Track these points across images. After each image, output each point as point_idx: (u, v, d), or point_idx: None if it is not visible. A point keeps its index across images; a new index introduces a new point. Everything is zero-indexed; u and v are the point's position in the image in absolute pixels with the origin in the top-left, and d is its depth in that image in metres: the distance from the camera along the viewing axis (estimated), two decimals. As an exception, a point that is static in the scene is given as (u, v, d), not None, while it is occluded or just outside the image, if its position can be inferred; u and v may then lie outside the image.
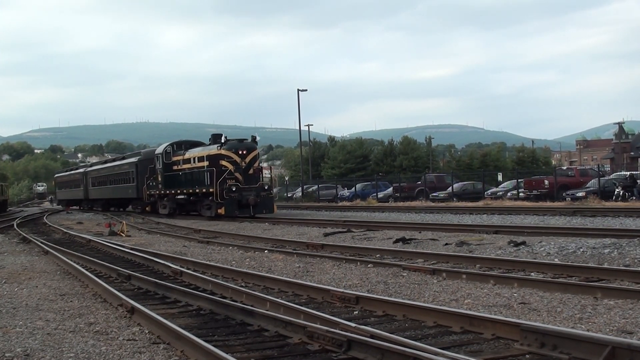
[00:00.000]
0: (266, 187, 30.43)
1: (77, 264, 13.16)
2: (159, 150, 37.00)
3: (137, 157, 40.90)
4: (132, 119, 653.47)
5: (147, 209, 39.26)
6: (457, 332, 6.51)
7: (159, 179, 36.15)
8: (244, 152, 30.04)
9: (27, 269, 13.28)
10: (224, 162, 29.60)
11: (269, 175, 39.66)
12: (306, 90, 49.20)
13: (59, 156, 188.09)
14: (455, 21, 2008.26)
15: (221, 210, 28.87)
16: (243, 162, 29.75)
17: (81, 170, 56.39)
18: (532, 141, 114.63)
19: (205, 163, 31.06)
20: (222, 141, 30.40)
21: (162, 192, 35.75)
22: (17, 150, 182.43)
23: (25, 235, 22.61)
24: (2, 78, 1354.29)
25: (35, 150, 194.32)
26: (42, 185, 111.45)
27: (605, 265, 10.33)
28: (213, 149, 30.94)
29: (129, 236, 22.18)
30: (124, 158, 46.25)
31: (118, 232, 22.98)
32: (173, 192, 34.35)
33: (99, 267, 12.82)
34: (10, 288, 10.72)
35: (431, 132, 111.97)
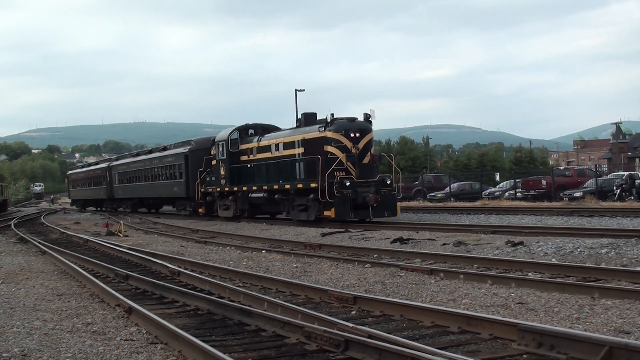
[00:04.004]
0: (388, 182, 23.17)
1: (75, 264, 13.15)
2: (222, 136, 29.29)
3: (188, 147, 33.28)
4: (129, 119, 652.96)
5: (200, 210, 31.56)
6: (455, 332, 6.51)
7: (222, 172, 28.69)
8: (357, 134, 22.86)
9: (24, 269, 13.27)
10: (330, 148, 22.58)
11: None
12: (304, 90, 49.16)
13: (56, 156, 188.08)
14: (455, 22, 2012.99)
15: (329, 212, 21.86)
16: (355, 148, 22.66)
17: (103, 165, 48.09)
18: (530, 141, 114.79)
19: (299, 150, 24.24)
20: (328, 120, 23.01)
21: (227, 189, 28.39)
22: (15, 150, 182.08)
23: (22, 235, 22.57)
24: (1, 78, 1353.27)
25: (33, 150, 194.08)
26: (40, 185, 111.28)
27: (603, 265, 10.34)
28: (312, 131, 23.65)
29: (127, 236, 22.15)
30: (165, 149, 37.96)
31: (115, 232, 22.95)
32: (245, 188, 26.93)
33: (96, 267, 12.81)
34: (8, 288, 10.71)
35: (429, 132, 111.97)
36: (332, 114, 23.02)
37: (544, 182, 37.68)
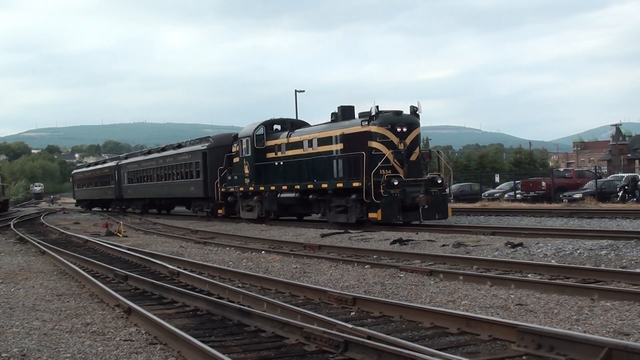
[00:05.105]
0: (439, 182, 21.10)
1: (74, 264, 13.15)
2: (246, 132, 27.00)
3: (206, 144, 30.97)
4: (129, 120, 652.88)
5: (219, 211, 29.46)
6: (454, 334, 6.51)
7: (246, 171, 26.57)
8: (404, 129, 20.69)
9: (23, 269, 13.27)
10: (375, 144, 20.51)
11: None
12: (304, 91, 49.12)
13: (56, 156, 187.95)
14: (455, 23, 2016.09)
15: (375, 215, 19.86)
16: (402, 144, 20.48)
17: (111, 163, 46.20)
18: (530, 143, 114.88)
19: (337, 146, 22.06)
20: (372, 113, 20.69)
21: (251, 188, 26.20)
22: (14, 150, 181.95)
23: (22, 235, 22.56)
24: (1, 78, 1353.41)
25: (33, 151, 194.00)
26: (39, 186, 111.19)
27: (602, 267, 10.34)
28: (354, 125, 21.50)
29: (126, 237, 22.16)
30: (180, 146, 35.39)
31: (115, 233, 22.95)
32: (273, 188, 24.73)
33: (95, 268, 12.81)
34: (7, 288, 10.71)
35: (429, 133, 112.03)
36: (377, 106, 20.78)
37: (543, 183, 37.74)
